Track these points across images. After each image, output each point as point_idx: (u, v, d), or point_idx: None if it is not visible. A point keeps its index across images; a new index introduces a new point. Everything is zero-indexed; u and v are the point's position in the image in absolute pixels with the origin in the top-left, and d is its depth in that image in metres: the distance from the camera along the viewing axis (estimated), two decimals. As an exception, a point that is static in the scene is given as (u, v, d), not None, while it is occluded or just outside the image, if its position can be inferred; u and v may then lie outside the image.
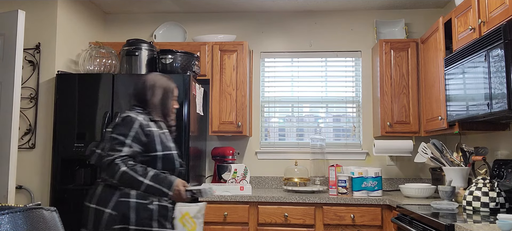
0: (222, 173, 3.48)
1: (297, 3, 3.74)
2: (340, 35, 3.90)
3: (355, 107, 3.88)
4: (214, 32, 3.93)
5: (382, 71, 3.50)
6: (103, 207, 2.01)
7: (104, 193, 2.04)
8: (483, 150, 2.87)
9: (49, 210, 1.16)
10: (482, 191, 2.34)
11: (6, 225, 1.02)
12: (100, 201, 2.02)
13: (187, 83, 3.02)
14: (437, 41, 3.02)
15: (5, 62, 2.68)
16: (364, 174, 3.21)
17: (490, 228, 1.87)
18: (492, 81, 2.11)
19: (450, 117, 2.68)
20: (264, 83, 3.95)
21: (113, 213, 1.98)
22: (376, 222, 3.06)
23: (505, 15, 2.11)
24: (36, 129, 3.18)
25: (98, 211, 2.01)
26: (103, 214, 1.99)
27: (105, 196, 2.03)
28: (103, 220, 1.98)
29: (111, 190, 2.03)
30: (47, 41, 3.23)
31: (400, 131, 3.45)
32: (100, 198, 2.03)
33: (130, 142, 2.04)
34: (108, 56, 3.37)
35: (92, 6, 3.76)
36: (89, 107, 3.04)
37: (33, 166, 3.15)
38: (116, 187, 2.03)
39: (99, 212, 2.00)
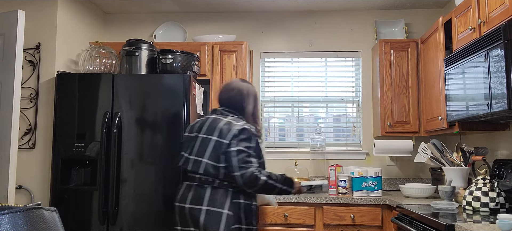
0: (222, 173, 3.47)
1: (297, 3, 3.74)
2: (340, 35, 3.90)
3: (355, 107, 3.89)
4: (214, 32, 3.94)
5: (382, 71, 3.51)
6: (220, 208, 2.15)
7: (217, 196, 2.17)
8: (483, 150, 2.87)
9: (49, 210, 1.16)
10: (482, 191, 2.34)
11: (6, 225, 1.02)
12: (214, 203, 2.16)
13: (187, 83, 3.02)
14: (437, 41, 3.02)
15: (5, 62, 2.68)
16: (364, 174, 3.21)
17: (490, 228, 1.87)
18: (492, 81, 2.11)
19: (450, 117, 2.68)
20: (264, 83, 3.95)
21: (229, 214, 2.15)
22: (376, 222, 3.06)
23: (505, 15, 2.11)
24: (36, 129, 3.18)
25: (214, 213, 2.15)
26: (221, 215, 2.14)
27: (219, 198, 2.17)
28: (222, 221, 2.13)
29: (224, 193, 2.19)
30: (47, 41, 3.23)
31: (400, 131, 3.45)
32: (214, 200, 2.17)
33: (253, 152, 2.22)
34: (108, 56, 3.37)
35: (92, 6, 3.76)
36: (89, 107, 3.04)
37: (33, 166, 3.15)
38: (227, 189, 2.19)
39: (216, 213, 2.14)
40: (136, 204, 2.94)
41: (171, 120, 2.99)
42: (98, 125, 3.01)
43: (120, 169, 2.97)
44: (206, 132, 2.27)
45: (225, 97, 2.40)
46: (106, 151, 2.98)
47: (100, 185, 2.96)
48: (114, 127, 2.98)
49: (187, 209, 2.21)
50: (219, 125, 2.25)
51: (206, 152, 2.22)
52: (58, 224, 1.18)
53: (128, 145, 2.99)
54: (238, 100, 2.37)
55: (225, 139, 2.20)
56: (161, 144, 2.98)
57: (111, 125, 3.00)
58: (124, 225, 2.94)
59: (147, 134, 2.99)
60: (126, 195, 2.95)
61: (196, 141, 2.29)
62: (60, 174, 3.02)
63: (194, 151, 2.27)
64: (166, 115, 3.00)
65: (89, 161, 3.03)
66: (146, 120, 3.00)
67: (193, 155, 2.27)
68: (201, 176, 2.23)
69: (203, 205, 2.17)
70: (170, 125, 2.98)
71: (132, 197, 2.95)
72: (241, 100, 2.37)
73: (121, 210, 2.95)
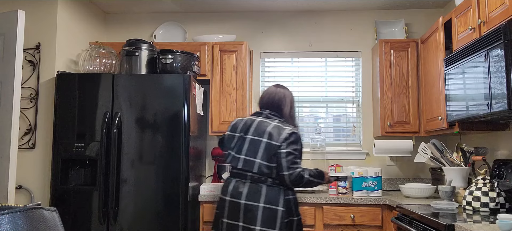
0: (222, 173, 3.48)
1: (297, 3, 3.74)
2: (340, 35, 3.90)
3: (355, 108, 3.88)
4: (214, 32, 3.94)
5: (382, 71, 3.50)
6: (275, 206, 2.32)
7: (272, 193, 2.35)
8: (483, 150, 2.87)
9: (49, 210, 1.16)
10: (482, 191, 2.34)
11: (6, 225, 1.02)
12: (270, 200, 2.32)
13: (187, 83, 3.02)
14: (437, 41, 3.02)
15: (5, 62, 2.68)
16: (364, 174, 3.21)
17: (490, 228, 1.87)
18: (492, 81, 2.11)
19: (450, 117, 2.68)
20: (264, 83, 3.95)
21: (283, 210, 2.32)
22: (376, 222, 3.06)
23: (505, 15, 2.11)
24: (36, 129, 3.18)
25: (271, 209, 2.31)
26: (277, 212, 2.31)
27: (274, 196, 2.34)
28: (278, 217, 2.31)
29: (278, 191, 2.36)
30: (47, 41, 3.23)
31: (400, 131, 3.45)
32: (269, 198, 2.33)
33: (299, 154, 2.43)
34: (108, 56, 3.37)
35: (92, 6, 3.76)
36: (89, 107, 3.04)
37: (33, 166, 3.15)
38: (279, 187, 2.37)
39: (273, 210, 2.32)
40: (136, 204, 2.95)
41: (171, 120, 2.99)
42: (98, 125, 3.01)
43: (120, 169, 2.97)
44: (255, 133, 2.43)
45: (269, 101, 2.57)
46: (106, 151, 2.98)
47: (100, 185, 2.96)
48: (114, 127, 2.98)
49: (243, 204, 2.33)
50: (268, 128, 2.42)
51: (258, 153, 2.39)
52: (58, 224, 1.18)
53: (128, 145, 2.99)
54: (280, 104, 2.55)
55: (277, 141, 2.38)
56: (161, 144, 2.98)
57: (111, 125, 3.00)
58: (124, 225, 2.94)
59: (147, 134, 2.99)
60: (126, 195, 2.95)
61: (244, 141, 2.44)
62: (60, 174, 3.02)
63: (243, 151, 2.42)
64: (166, 115, 3.00)
65: (89, 161, 3.03)
66: (146, 120, 3.00)
67: (242, 154, 2.42)
68: (254, 174, 2.37)
69: (260, 202, 2.32)
70: (170, 125, 2.99)
71: (132, 197, 2.95)
72: (282, 104, 2.55)
73: (121, 210, 2.95)
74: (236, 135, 2.47)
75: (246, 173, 2.39)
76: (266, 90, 2.62)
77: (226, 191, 2.42)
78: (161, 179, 2.96)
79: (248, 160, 2.39)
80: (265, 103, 2.57)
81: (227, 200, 2.39)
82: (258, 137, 2.41)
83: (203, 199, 3.16)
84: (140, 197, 2.95)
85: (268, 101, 2.56)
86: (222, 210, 2.41)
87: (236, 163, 2.42)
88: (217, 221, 2.45)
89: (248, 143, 2.42)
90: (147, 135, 2.99)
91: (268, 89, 2.62)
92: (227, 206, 2.39)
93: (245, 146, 2.42)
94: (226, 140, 2.53)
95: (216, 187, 3.21)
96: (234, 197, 2.37)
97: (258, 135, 2.42)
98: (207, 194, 3.18)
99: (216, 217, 2.46)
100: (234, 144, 2.46)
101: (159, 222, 2.93)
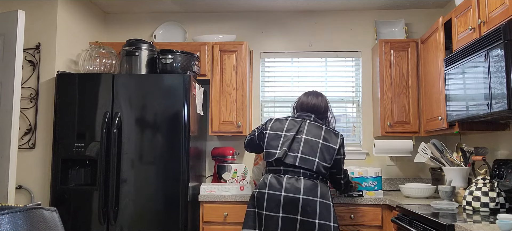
0: (222, 173, 3.48)
1: (297, 3, 3.74)
2: (340, 35, 3.90)
3: (355, 108, 3.88)
4: (214, 32, 3.94)
5: (382, 71, 3.51)
6: (328, 200, 2.53)
7: (324, 189, 2.56)
8: (483, 150, 2.87)
9: (49, 210, 1.16)
10: (482, 191, 2.34)
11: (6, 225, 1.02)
12: (324, 196, 2.52)
13: (187, 83, 3.02)
14: (437, 41, 3.02)
15: (5, 62, 2.68)
16: (364, 174, 3.21)
17: (490, 228, 1.87)
18: (492, 81, 2.11)
19: (450, 117, 2.68)
20: (264, 83, 3.95)
21: (333, 204, 2.56)
22: (376, 222, 3.06)
23: (505, 15, 2.11)
24: (36, 129, 3.18)
25: (326, 204, 2.51)
26: (330, 206, 2.52)
27: (326, 191, 2.55)
28: (331, 211, 2.51)
29: (326, 187, 2.60)
30: (47, 41, 3.23)
31: (400, 131, 3.45)
32: (323, 193, 2.53)
33: None
34: (108, 56, 3.37)
35: (92, 6, 3.76)
36: (89, 107, 3.04)
37: (33, 166, 3.15)
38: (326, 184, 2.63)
39: (327, 204, 2.51)
40: (136, 204, 2.95)
41: (171, 120, 2.99)
42: (98, 125, 3.01)
43: (120, 169, 2.97)
44: (309, 134, 2.63)
45: (315, 107, 2.78)
46: (106, 151, 2.98)
47: (100, 185, 2.96)
48: (114, 127, 2.98)
49: (301, 199, 2.47)
50: (322, 131, 2.66)
51: (317, 153, 2.59)
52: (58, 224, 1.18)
53: (128, 145, 2.99)
54: (323, 108, 2.79)
55: (335, 144, 2.64)
56: (161, 144, 2.98)
57: (111, 125, 3.00)
58: (124, 225, 2.94)
59: (147, 134, 2.99)
60: (126, 195, 2.95)
61: (300, 141, 2.60)
62: (60, 174, 3.02)
63: (299, 149, 2.58)
64: (166, 115, 3.00)
65: (89, 161, 3.03)
66: (146, 120, 3.00)
67: (299, 152, 2.57)
68: (312, 172, 2.56)
69: (317, 197, 2.50)
70: (170, 125, 2.99)
71: (132, 197, 2.95)
72: (328, 111, 2.82)
73: (121, 210, 2.95)
74: (283, 134, 2.64)
75: (300, 170, 2.55)
76: (308, 96, 2.82)
77: (277, 186, 2.52)
78: (161, 179, 2.96)
79: (306, 158, 2.56)
80: (311, 109, 2.77)
81: (283, 195, 2.49)
82: (314, 138, 2.61)
83: (203, 199, 3.16)
84: (140, 197, 2.95)
85: (313, 107, 2.77)
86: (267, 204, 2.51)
87: (290, 160, 2.56)
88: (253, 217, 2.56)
89: (303, 142, 2.60)
90: (147, 135, 2.99)
91: (309, 95, 2.83)
92: (283, 201, 2.48)
93: (301, 145, 2.59)
94: (268, 139, 2.67)
95: (216, 187, 3.22)
96: (291, 192, 2.49)
97: (313, 136, 2.62)
98: (207, 194, 3.18)
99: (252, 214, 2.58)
100: (282, 142, 2.61)
101: (159, 222, 2.93)
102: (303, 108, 2.79)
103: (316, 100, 2.79)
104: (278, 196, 2.49)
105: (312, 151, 2.58)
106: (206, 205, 3.16)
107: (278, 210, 2.48)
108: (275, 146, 2.62)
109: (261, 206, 2.53)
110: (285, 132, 2.65)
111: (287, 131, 2.65)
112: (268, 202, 2.51)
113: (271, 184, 2.54)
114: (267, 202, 2.51)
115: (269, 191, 2.52)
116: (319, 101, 2.79)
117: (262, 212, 2.52)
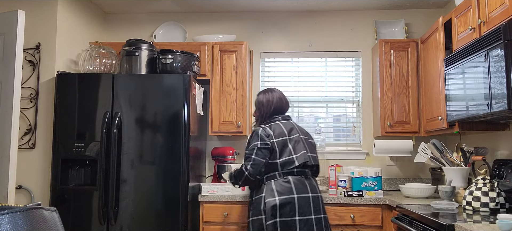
0: (222, 173, 3.47)
1: (297, 3, 3.74)
2: (340, 35, 3.90)
3: (355, 108, 3.88)
4: (214, 32, 3.94)
5: (382, 71, 3.50)
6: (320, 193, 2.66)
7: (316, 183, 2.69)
8: (483, 150, 2.87)
9: (49, 210, 1.16)
10: (482, 191, 2.34)
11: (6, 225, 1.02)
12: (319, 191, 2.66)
13: (187, 83, 3.02)
14: (437, 41, 3.02)
15: (5, 62, 2.68)
16: (364, 174, 3.21)
17: (490, 228, 1.87)
18: (492, 81, 2.11)
19: (450, 117, 2.68)
20: (264, 83, 3.95)
21: None
22: (376, 222, 3.06)
23: (505, 15, 2.11)
24: (36, 129, 3.18)
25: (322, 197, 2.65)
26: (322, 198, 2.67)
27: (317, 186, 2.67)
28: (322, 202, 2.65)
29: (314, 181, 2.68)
30: (47, 41, 3.23)
31: (400, 131, 3.45)
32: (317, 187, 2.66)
33: None
34: (108, 56, 3.37)
35: (92, 6, 3.76)
36: (89, 107, 3.04)
37: (33, 166, 3.15)
38: None
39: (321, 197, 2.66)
40: (136, 204, 2.95)
41: (171, 120, 2.99)
42: (98, 125, 3.01)
43: (120, 169, 2.97)
44: (302, 134, 2.69)
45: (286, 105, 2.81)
46: (106, 151, 2.98)
47: (100, 185, 2.96)
48: (114, 127, 2.98)
49: (311, 197, 2.54)
50: (303, 129, 2.77)
51: (314, 150, 2.72)
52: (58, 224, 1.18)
53: (128, 145, 2.99)
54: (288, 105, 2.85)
55: (313, 140, 2.79)
56: (161, 144, 2.98)
57: (111, 125, 3.00)
58: (124, 225, 2.94)
59: (147, 134, 2.99)
60: (126, 195, 2.95)
61: (304, 142, 2.66)
62: (60, 174, 3.02)
63: (307, 149, 2.64)
64: (166, 115, 3.00)
65: (89, 161, 3.03)
66: (146, 120, 3.00)
67: (308, 152, 2.64)
68: (311, 168, 2.65)
69: (319, 192, 2.64)
70: (170, 125, 2.99)
71: (132, 197, 2.95)
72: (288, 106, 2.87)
73: (121, 210, 2.95)
74: (288, 138, 2.62)
75: (306, 169, 2.61)
76: (281, 95, 2.81)
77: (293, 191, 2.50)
78: (161, 179, 2.96)
79: (313, 157, 2.67)
80: (285, 108, 2.80)
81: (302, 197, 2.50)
82: (305, 136, 2.71)
83: (203, 199, 3.16)
84: (140, 197, 2.95)
85: (286, 106, 2.81)
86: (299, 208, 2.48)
87: (302, 160, 2.57)
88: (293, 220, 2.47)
89: (303, 142, 2.65)
90: (147, 135, 2.99)
91: (280, 94, 2.81)
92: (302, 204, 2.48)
93: (305, 145, 2.65)
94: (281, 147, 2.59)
95: (216, 187, 3.21)
96: (303, 193, 2.52)
97: (304, 135, 2.71)
98: (208, 194, 3.18)
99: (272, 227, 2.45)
100: (293, 146, 2.60)
101: (159, 222, 2.93)
102: (286, 109, 2.82)
103: (282, 98, 2.81)
104: (307, 198, 2.52)
105: (312, 149, 2.71)
106: (206, 205, 3.16)
107: (310, 212, 2.50)
108: (285, 153, 2.58)
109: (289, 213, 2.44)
110: (288, 135, 2.63)
111: (290, 134, 2.64)
112: (300, 206, 2.47)
113: (297, 187, 2.52)
114: (299, 206, 2.47)
115: (299, 194, 2.51)
116: (283, 99, 2.82)
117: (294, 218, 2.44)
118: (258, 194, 2.56)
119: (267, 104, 2.75)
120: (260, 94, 2.84)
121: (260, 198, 2.52)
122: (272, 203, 2.45)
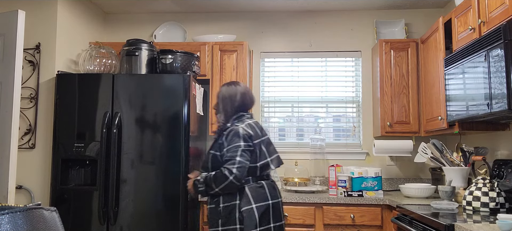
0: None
1: (297, 3, 3.74)
2: (340, 35, 3.90)
3: (355, 108, 3.88)
4: (214, 32, 3.94)
5: (382, 71, 3.50)
6: None
7: None
8: (483, 150, 2.87)
9: (49, 210, 1.16)
10: (482, 191, 2.34)
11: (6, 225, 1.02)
12: None
13: (187, 83, 3.02)
14: (437, 41, 3.02)
15: (5, 62, 2.67)
16: (364, 174, 3.21)
17: (490, 228, 1.87)
18: (492, 81, 2.11)
19: (450, 117, 2.68)
20: (264, 83, 3.95)
21: None
22: (376, 222, 3.06)
23: (505, 15, 2.11)
24: (36, 129, 3.18)
25: None
26: None
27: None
28: None
29: None
30: (47, 41, 3.23)
31: (400, 131, 3.45)
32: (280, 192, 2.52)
33: None
34: (108, 56, 3.37)
35: (92, 6, 3.76)
36: (89, 107, 3.04)
37: (33, 166, 3.15)
38: None
39: None
40: (136, 204, 2.95)
41: (171, 120, 2.99)
42: (98, 125, 3.01)
43: (120, 169, 2.97)
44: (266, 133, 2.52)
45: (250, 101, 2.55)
46: (106, 151, 2.98)
47: (100, 185, 2.96)
48: (114, 127, 2.98)
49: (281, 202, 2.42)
50: None
51: None
52: (58, 224, 1.18)
53: (128, 145, 2.99)
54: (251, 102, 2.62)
55: None
56: (161, 144, 2.98)
57: (111, 125, 3.00)
58: (124, 225, 2.94)
59: (147, 134, 2.99)
60: (126, 195, 2.95)
61: (272, 144, 2.51)
62: (60, 174, 3.02)
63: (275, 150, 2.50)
64: (166, 115, 3.00)
65: (89, 161, 3.03)
66: (146, 120, 3.00)
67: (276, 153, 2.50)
68: None
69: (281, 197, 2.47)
70: (170, 125, 2.99)
71: (132, 197, 2.95)
72: None
73: (121, 210, 2.95)
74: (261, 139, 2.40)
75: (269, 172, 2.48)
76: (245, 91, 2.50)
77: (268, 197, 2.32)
78: (161, 179, 2.96)
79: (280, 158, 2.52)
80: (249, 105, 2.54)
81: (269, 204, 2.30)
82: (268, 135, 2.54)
83: (203, 199, 3.16)
84: (140, 197, 2.95)
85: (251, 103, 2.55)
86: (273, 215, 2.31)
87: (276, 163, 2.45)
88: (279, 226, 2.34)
89: (272, 144, 2.51)
90: (147, 135, 2.99)
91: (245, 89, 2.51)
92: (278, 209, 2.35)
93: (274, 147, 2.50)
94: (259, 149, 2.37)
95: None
96: (275, 198, 2.38)
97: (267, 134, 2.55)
98: (207, 194, 3.18)
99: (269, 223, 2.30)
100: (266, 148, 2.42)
101: (159, 222, 2.93)
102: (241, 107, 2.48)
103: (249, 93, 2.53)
104: (278, 204, 2.38)
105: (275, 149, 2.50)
106: (206, 205, 3.16)
107: (281, 218, 2.36)
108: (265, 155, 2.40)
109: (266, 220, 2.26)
110: (262, 136, 2.43)
111: (262, 135, 2.43)
112: (274, 212, 2.31)
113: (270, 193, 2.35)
114: (273, 212, 2.31)
115: (273, 200, 2.34)
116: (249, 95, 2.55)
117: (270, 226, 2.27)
118: (228, 201, 2.27)
119: (229, 99, 2.45)
120: (223, 86, 2.55)
121: (233, 206, 2.25)
122: (250, 211, 2.23)
